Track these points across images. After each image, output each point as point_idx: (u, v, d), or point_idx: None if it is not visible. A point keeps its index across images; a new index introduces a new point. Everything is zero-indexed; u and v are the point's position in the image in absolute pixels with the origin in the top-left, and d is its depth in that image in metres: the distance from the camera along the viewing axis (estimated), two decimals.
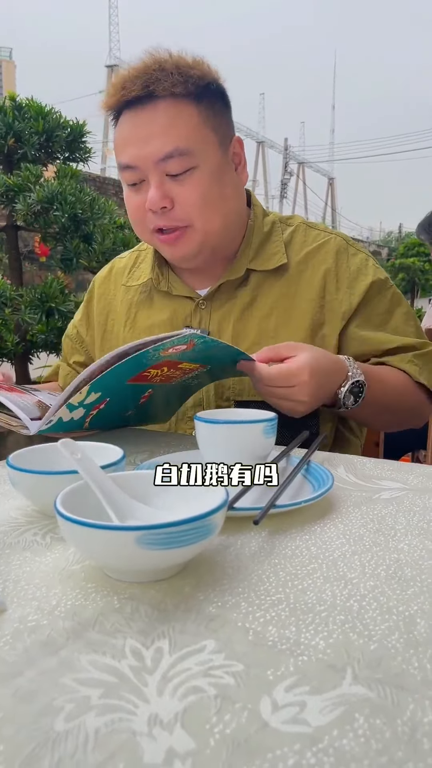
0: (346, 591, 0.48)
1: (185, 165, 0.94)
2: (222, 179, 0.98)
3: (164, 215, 0.96)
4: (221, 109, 0.99)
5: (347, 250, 1.08)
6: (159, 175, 0.94)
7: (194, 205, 0.96)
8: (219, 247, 1.03)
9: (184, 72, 0.93)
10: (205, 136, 0.95)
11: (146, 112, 0.93)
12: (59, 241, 3.32)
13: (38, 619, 0.44)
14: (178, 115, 0.93)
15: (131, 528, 0.46)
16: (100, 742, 0.32)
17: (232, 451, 0.72)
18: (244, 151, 1.06)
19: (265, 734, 0.33)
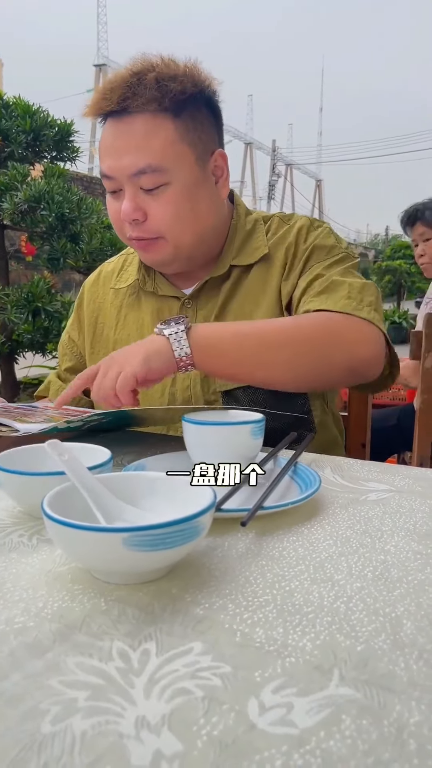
0: (333, 592, 0.49)
1: (157, 181, 0.95)
2: (196, 195, 0.98)
3: (137, 226, 0.98)
4: (204, 121, 0.99)
5: (309, 227, 1.08)
6: (133, 187, 0.96)
7: (165, 221, 0.97)
8: (196, 255, 1.05)
9: (164, 86, 0.93)
10: (180, 153, 0.95)
11: (123, 124, 0.94)
12: (46, 241, 3.31)
13: (24, 621, 0.44)
14: (153, 131, 0.93)
15: (119, 529, 0.46)
16: (87, 745, 0.32)
17: (220, 453, 0.72)
18: (227, 164, 1.06)
19: (253, 736, 0.33)
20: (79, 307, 1.27)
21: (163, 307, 1.11)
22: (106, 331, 1.18)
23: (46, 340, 3.24)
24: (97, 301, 1.22)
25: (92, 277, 1.27)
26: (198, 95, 0.97)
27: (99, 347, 1.19)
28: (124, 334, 1.15)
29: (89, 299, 1.24)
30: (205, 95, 0.99)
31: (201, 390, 1.06)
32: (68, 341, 1.28)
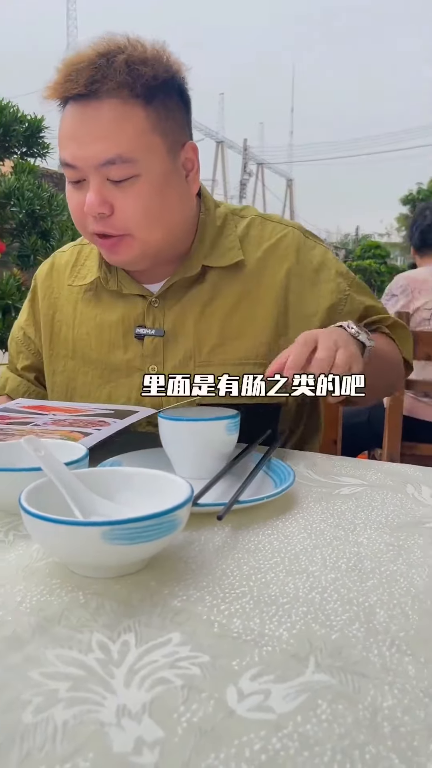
0: (308, 583, 0.50)
1: (127, 173, 0.88)
2: (166, 189, 0.93)
3: (102, 221, 0.91)
4: (175, 110, 0.93)
5: (306, 244, 1.05)
6: (99, 178, 0.88)
7: (133, 216, 0.90)
8: (164, 251, 0.99)
9: (135, 70, 0.86)
10: (151, 143, 0.89)
11: (90, 109, 0.87)
12: (16, 238, 3.27)
13: (2, 616, 0.44)
14: (124, 118, 0.87)
15: (97, 523, 0.46)
16: (69, 734, 0.33)
17: (195, 449, 0.73)
18: (197, 156, 1.00)
19: (232, 722, 0.34)
20: (32, 301, 1.18)
21: (128, 307, 1.04)
22: (64, 330, 1.11)
23: None
24: (52, 297, 1.14)
25: (44, 270, 1.18)
26: (170, 81, 0.91)
27: (59, 348, 1.11)
28: (82, 332, 1.08)
29: (43, 294, 1.15)
30: (176, 82, 0.93)
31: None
32: (23, 338, 1.19)
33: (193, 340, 1.00)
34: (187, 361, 0.99)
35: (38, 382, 1.18)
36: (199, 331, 1.00)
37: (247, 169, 54.94)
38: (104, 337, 1.05)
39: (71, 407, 0.95)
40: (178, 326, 1.01)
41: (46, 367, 1.13)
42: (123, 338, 1.03)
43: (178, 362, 0.99)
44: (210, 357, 0.99)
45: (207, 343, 0.99)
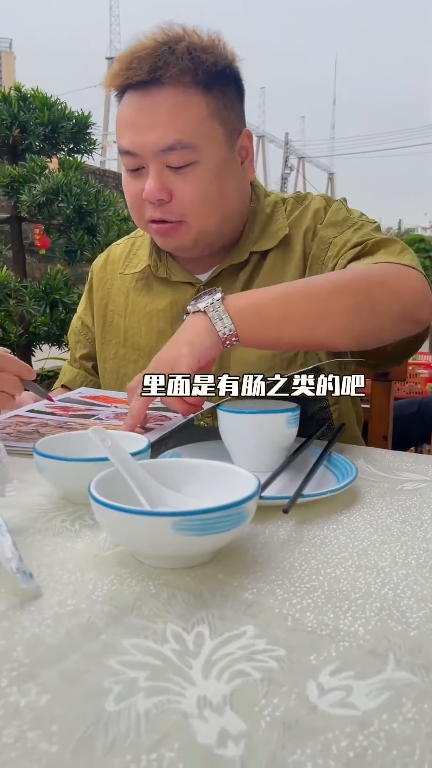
0: (379, 579, 0.49)
1: (187, 159, 0.89)
2: (225, 176, 0.93)
3: (160, 207, 0.92)
4: (232, 98, 0.94)
5: (325, 208, 1.04)
6: (159, 165, 0.90)
7: (192, 203, 0.91)
8: (217, 241, 0.99)
9: (197, 57, 0.87)
10: (211, 130, 0.90)
11: (151, 96, 0.88)
12: (63, 233, 3.31)
13: (77, 603, 0.44)
14: (185, 104, 0.88)
15: (168, 514, 0.46)
16: (152, 723, 0.33)
17: (255, 442, 0.72)
18: (252, 144, 1.01)
19: (315, 717, 0.33)
20: (89, 291, 1.22)
21: (176, 295, 1.05)
22: (116, 318, 1.13)
23: (63, 332, 3.24)
24: (106, 287, 1.17)
25: (100, 261, 1.22)
26: (228, 70, 0.92)
27: (110, 336, 1.14)
28: (133, 320, 1.10)
29: (98, 284, 1.19)
30: (233, 71, 0.94)
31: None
32: (81, 327, 1.23)
33: None
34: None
35: (95, 371, 1.21)
36: None
37: (288, 163, 54.57)
38: (153, 325, 1.07)
39: None
40: None
41: (99, 354, 1.17)
42: (171, 326, 1.05)
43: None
44: None
45: None
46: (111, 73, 0.91)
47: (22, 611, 0.44)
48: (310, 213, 1.03)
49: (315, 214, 1.02)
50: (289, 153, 54.09)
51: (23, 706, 0.34)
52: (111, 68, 0.92)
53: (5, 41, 45.59)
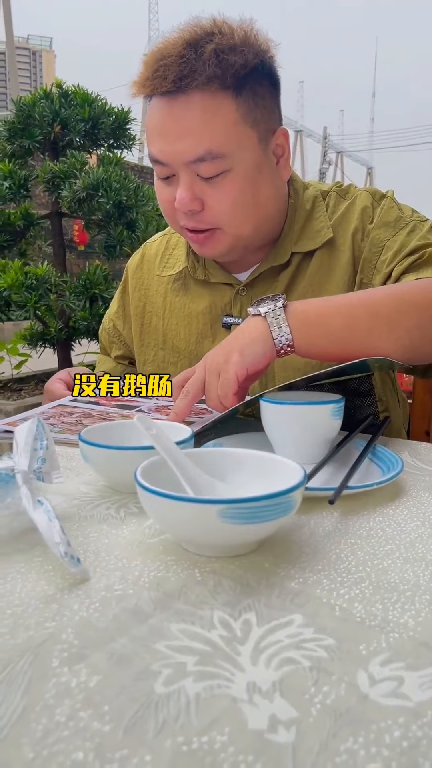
0: (428, 572, 0.48)
1: (218, 168, 0.86)
2: (258, 181, 0.90)
3: (193, 217, 0.90)
4: (266, 96, 0.89)
5: (373, 205, 1.00)
6: (190, 175, 0.87)
7: (225, 212, 0.89)
8: (255, 242, 0.97)
9: (224, 60, 0.83)
10: (243, 135, 0.86)
11: (178, 104, 0.84)
12: (103, 229, 3.34)
13: (124, 588, 0.45)
14: (213, 112, 0.83)
15: (215, 501, 0.46)
16: (202, 707, 0.33)
17: (298, 433, 0.71)
18: (288, 142, 0.96)
19: (366, 706, 0.33)
20: (123, 293, 1.20)
21: (215, 296, 1.04)
22: (154, 320, 1.11)
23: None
24: (143, 288, 1.14)
25: (135, 261, 1.19)
26: (259, 66, 0.87)
27: (149, 339, 1.12)
28: (172, 323, 1.08)
29: (134, 285, 1.16)
30: (266, 66, 0.89)
31: (259, 387, 0.99)
32: (113, 329, 1.21)
33: None
34: None
35: (133, 366, 1.21)
36: None
37: (327, 157, 54.05)
38: (192, 327, 1.05)
39: None
40: None
41: (138, 357, 1.15)
42: (211, 327, 1.03)
43: None
44: None
45: None
46: (138, 79, 0.87)
47: (70, 595, 0.44)
48: (356, 211, 0.98)
49: (363, 213, 0.98)
50: (328, 147, 53.56)
51: (74, 686, 0.34)
52: (139, 73, 0.88)
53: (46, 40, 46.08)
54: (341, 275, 0.97)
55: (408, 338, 0.80)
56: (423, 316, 0.80)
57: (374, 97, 80.00)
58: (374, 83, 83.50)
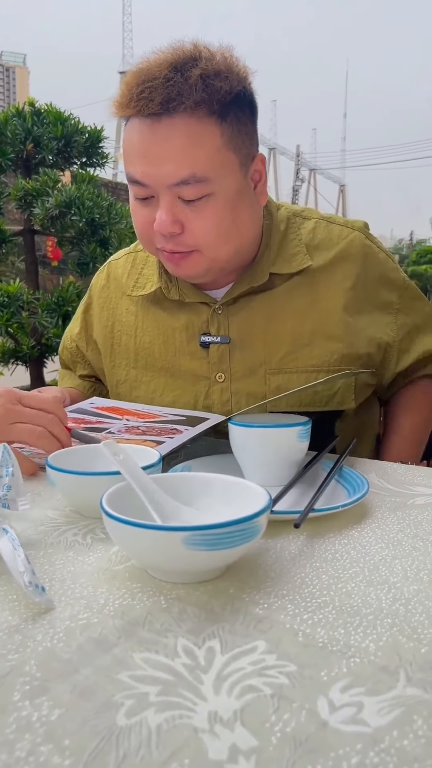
0: (390, 595, 0.49)
1: (200, 192, 0.85)
2: (238, 206, 0.90)
3: (172, 239, 0.88)
4: (246, 122, 0.89)
5: (372, 249, 1.04)
6: (171, 197, 0.86)
7: (205, 235, 0.88)
8: (230, 265, 0.97)
9: (211, 85, 0.83)
10: (226, 160, 0.86)
11: (162, 127, 0.83)
12: (75, 246, 3.34)
13: (89, 617, 0.45)
14: (199, 137, 0.83)
15: (179, 528, 0.46)
16: (164, 738, 0.33)
17: (266, 455, 0.72)
18: (265, 166, 0.97)
19: (326, 733, 0.33)
20: (86, 313, 1.18)
21: (192, 315, 1.03)
22: (124, 339, 1.10)
23: None
24: (110, 308, 1.12)
25: (101, 281, 1.16)
26: (242, 93, 0.87)
27: (120, 359, 1.11)
28: (145, 340, 1.07)
29: (101, 305, 1.14)
30: (247, 93, 0.89)
31: (246, 404, 0.98)
32: (76, 350, 1.20)
33: (262, 348, 0.98)
34: (256, 369, 0.98)
35: (99, 382, 1.21)
36: (269, 339, 0.98)
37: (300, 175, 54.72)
38: (169, 343, 1.04)
39: (144, 411, 0.96)
40: (244, 333, 0.99)
41: (109, 379, 1.14)
42: (188, 344, 1.02)
43: (248, 371, 0.98)
44: (282, 364, 0.97)
45: (279, 350, 0.98)
46: (120, 101, 0.86)
47: (34, 625, 0.44)
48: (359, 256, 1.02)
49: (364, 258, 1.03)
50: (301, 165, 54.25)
51: (35, 720, 0.34)
52: (120, 93, 0.86)
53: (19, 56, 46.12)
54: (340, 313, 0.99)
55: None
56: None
57: (345, 117, 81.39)
58: (345, 103, 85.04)
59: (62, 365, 1.28)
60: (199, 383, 1.01)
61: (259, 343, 0.98)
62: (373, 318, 1.03)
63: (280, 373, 0.97)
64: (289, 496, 0.68)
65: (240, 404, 0.98)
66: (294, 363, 0.97)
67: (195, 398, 1.01)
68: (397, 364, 1.07)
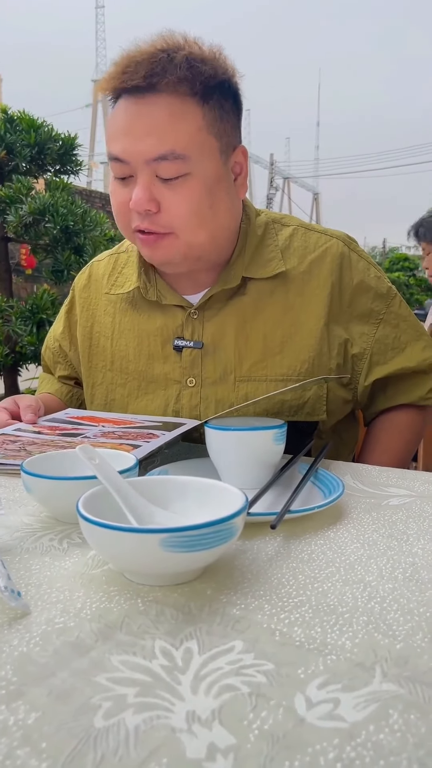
0: (366, 593, 0.49)
1: (179, 170, 0.86)
2: (216, 191, 0.90)
3: (148, 218, 0.88)
4: (229, 113, 0.91)
5: (350, 257, 1.02)
6: (149, 175, 0.86)
7: (181, 216, 0.88)
8: (207, 257, 0.97)
9: (195, 67, 0.85)
10: (206, 142, 0.87)
11: (145, 104, 0.85)
12: (50, 253, 3.32)
13: (65, 621, 0.45)
14: (180, 114, 0.85)
15: (156, 530, 0.46)
16: (141, 739, 0.33)
17: (242, 459, 0.73)
18: (247, 161, 0.98)
19: (303, 730, 0.34)
20: (69, 312, 1.18)
21: (167, 318, 1.03)
22: (102, 341, 1.10)
23: None
24: (90, 308, 1.13)
25: (82, 280, 1.17)
26: (226, 84, 0.89)
27: (97, 360, 1.11)
28: (121, 344, 1.07)
29: (82, 305, 1.14)
30: (232, 85, 0.91)
31: (214, 411, 0.98)
32: (59, 350, 1.20)
33: (233, 354, 0.98)
34: (226, 376, 0.98)
35: (78, 386, 1.20)
36: (240, 346, 0.98)
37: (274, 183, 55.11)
38: (143, 347, 1.04)
39: (120, 419, 0.95)
40: (217, 339, 0.99)
41: (85, 380, 1.13)
42: (162, 349, 1.03)
43: (218, 377, 0.98)
44: (251, 372, 0.97)
45: (248, 358, 0.98)
46: (106, 76, 0.88)
47: (10, 630, 0.44)
48: (330, 258, 1.01)
49: (341, 265, 1.01)
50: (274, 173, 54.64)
51: (12, 724, 0.34)
52: (107, 72, 0.89)
53: None
54: (313, 322, 0.98)
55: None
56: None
57: (319, 126, 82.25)
58: (318, 112, 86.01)
59: (44, 368, 1.27)
60: (171, 387, 1.01)
61: (231, 350, 0.98)
62: (349, 327, 1.01)
63: (249, 381, 0.97)
64: (265, 498, 0.68)
65: (208, 410, 0.98)
66: (263, 371, 0.97)
67: (166, 402, 1.01)
68: (367, 376, 1.03)
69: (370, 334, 1.02)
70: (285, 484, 0.74)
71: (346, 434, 1.12)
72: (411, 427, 1.08)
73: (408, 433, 1.08)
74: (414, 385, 1.06)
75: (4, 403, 1.03)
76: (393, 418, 1.08)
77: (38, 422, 0.93)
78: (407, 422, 1.08)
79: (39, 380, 1.29)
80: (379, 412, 1.10)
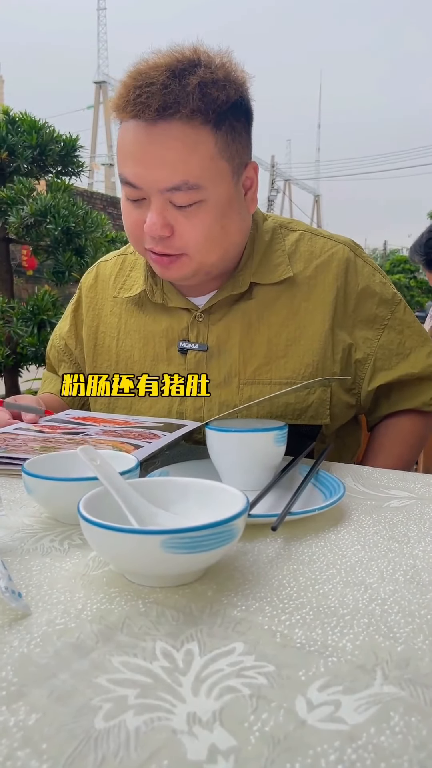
0: (366, 595, 0.49)
1: (192, 199, 0.86)
2: (229, 213, 0.91)
3: (161, 242, 0.89)
4: (241, 132, 0.90)
5: (355, 263, 1.03)
6: (162, 201, 0.87)
7: (194, 240, 0.89)
8: (217, 270, 0.97)
9: (208, 95, 0.83)
10: (218, 169, 0.87)
11: (158, 131, 0.83)
12: (51, 254, 3.32)
13: (66, 623, 0.45)
14: (194, 145, 0.84)
15: (157, 532, 0.46)
16: (142, 741, 0.33)
17: (243, 460, 0.73)
18: (257, 175, 0.98)
19: (304, 732, 0.34)
20: (76, 311, 1.18)
21: (173, 320, 1.04)
22: (107, 341, 1.11)
23: None
24: (96, 308, 1.14)
25: (89, 280, 1.17)
26: (239, 102, 0.88)
27: (102, 360, 1.12)
28: (126, 344, 1.08)
29: (88, 305, 1.15)
30: (244, 101, 0.90)
31: (218, 413, 0.99)
32: (65, 348, 1.20)
33: (238, 358, 0.99)
34: (231, 379, 0.99)
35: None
36: (244, 349, 0.99)
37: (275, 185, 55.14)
38: (149, 348, 1.05)
39: (121, 419, 0.96)
40: (222, 342, 1.00)
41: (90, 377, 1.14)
42: (167, 351, 1.03)
43: (223, 379, 0.99)
44: (255, 375, 0.98)
45: (253, 361, 0.98)
46: (117, 103, 0.86)
47: (10, 631, 0.44)
48: (337, 264, 1.01)
49: (346, 270, 1.02)
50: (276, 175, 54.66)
51: (12, 726, 0.34)
52: (117, 95, 0.87)
53: None
54: (318, 326, 0.99)
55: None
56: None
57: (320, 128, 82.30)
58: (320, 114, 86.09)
59: (48, 366, 1.28)
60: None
61: (236, 353, 0.99)
62: (353, 332, 1.01)
63: (254, 383, 0.98)
64: (266, 500, 0.68)
65: (212, 412, 0.99)
66: (268, 375, 0.98)
67: (170, 404, 1.01)
68: (371, 381, 1.03)
69: (374, 340, 1.02)
70: (286, 486, 0.74)
71: (349, 438, 1.13)
72: (414, 432, 1.08)
73: (411, 439, 1.08)
74: (418, 391, 1.06)
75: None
76: (396, 424, 1.08)
77: (39, 422, 0.93)
78: (411, 427, 1.08)
79: (42, 380, 1.29)
80: (383, 417, 1.10)
